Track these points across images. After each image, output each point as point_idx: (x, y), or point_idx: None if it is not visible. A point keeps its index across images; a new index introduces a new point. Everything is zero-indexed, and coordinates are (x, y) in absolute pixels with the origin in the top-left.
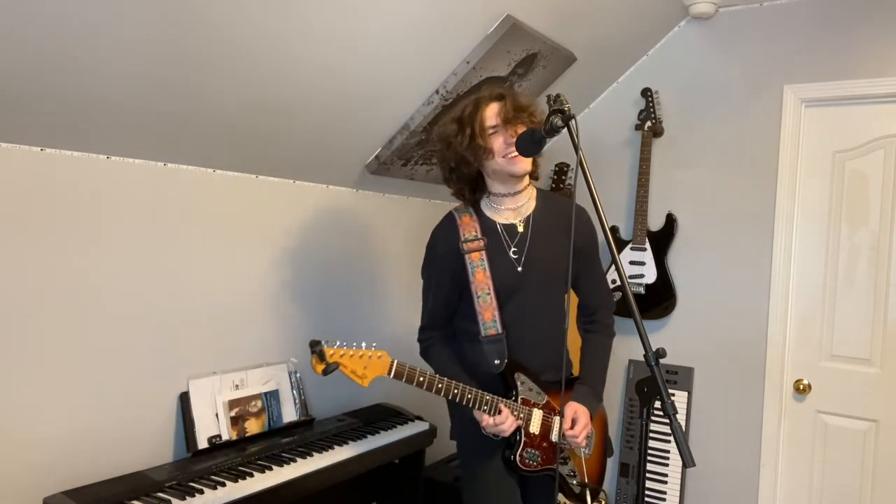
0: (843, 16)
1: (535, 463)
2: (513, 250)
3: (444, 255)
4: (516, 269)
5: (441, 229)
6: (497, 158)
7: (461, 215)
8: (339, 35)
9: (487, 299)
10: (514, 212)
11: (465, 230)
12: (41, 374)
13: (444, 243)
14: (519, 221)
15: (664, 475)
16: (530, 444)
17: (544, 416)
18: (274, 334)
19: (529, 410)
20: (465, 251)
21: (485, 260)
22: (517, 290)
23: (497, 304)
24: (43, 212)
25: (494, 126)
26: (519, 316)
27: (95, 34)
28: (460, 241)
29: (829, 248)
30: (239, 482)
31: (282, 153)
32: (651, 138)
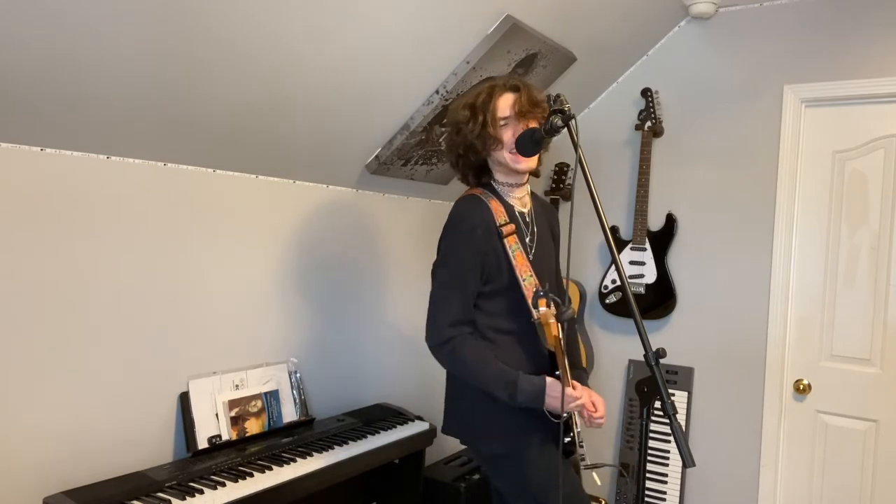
0: (843, 16)
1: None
2: (527, 238)
3: (483, 236)
4: (529, 256)
5: (474, 210)
6: (505, 151)
7: (489, 199)
8: (339, 35)
9: (532, 280)
10: (520, 202)
11: (499, 215)
12: (41, 374)
13: (483, 224)
14: (526, 211)
15: (664, 475)
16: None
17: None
18: (274, 334)
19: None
20: (503, 234)
21: (519, 243)
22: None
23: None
24: (43, 212)
25: (507, 117)
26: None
27: (96, 34)
28: (497, 226)
29: (829, 248)
30: (239, 482)
31: (282, 153)
32: (651, 138)
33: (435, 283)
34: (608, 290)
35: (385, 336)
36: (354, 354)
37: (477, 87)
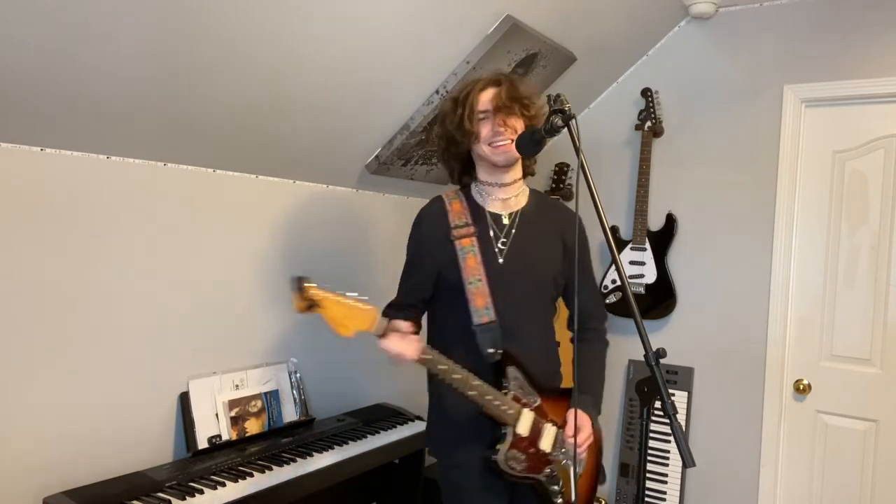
0: (843, 16)
1: (518, 468)
2: (501, 240)
3: (427, 235)
4: (497, 259)
5: (428, 209)
6: (482, 145)
7: (451, 201)
8: (339, 35)
9: (479, 285)
10: (503, 203)
11: (455, 216)
12: (41, 375)
13: (429, 223)
14: (506, 213)
15: (664, 475)
16: (516, 445)
17: (535, 420)
18: (274, 334)
19: (520, 409)
20: (454, 237)
21: (475, 246)
22: (498, 278)
23: (490, 291)
24: (43, 212)
25: (485, 111)
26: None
27: (96, 34)
28: (450, 228)
29: (829, 248)
30: (239, 482)
31: (282, 153)
32: (651, 138)
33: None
34: (608, 290)
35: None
36: (354, 354)
37: (466, 82)
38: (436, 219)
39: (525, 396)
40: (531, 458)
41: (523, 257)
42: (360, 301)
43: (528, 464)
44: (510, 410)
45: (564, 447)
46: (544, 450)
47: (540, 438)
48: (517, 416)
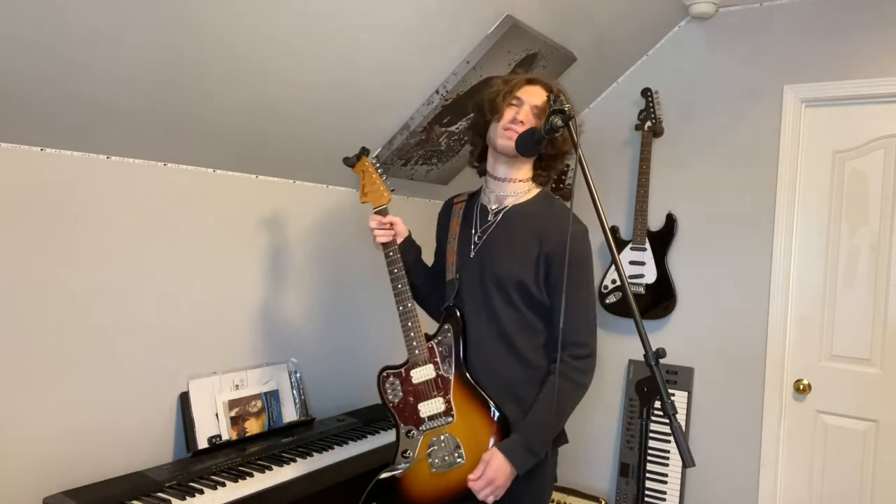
0: (843, 16)
1: (391, 397)
2: (477, 234)
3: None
4: (470, 251)
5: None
6: (496, 128)
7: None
8: (339, 35)
9: (453, 244)
10: (495, 197)
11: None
12: (41, 374)
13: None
14: (494, 208)
15: (664, 475)
16: (401, 379)
17: (432, 381)
18: (274, 334)
19: (427, 359)
20: (453, 202)
21: (462, 213)
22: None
23: (457, 252)
24: (43, 212)
25: (520, 99)
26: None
27: (96, 34)
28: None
29: (829, 248)
30: (239, 482)
31: (282, 153)
32: (651, 138)
33: None
34: (608, 290)
35: (385, 336)
36: (354, 354)
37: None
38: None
39: (440, 357)
40: (403, 403)
41: (488, 254)
42: (385, 185)
43: (398, 404)
44: (417, 350)
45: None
46: (419, 412)
47: (422, 400)
48: (420, 361)
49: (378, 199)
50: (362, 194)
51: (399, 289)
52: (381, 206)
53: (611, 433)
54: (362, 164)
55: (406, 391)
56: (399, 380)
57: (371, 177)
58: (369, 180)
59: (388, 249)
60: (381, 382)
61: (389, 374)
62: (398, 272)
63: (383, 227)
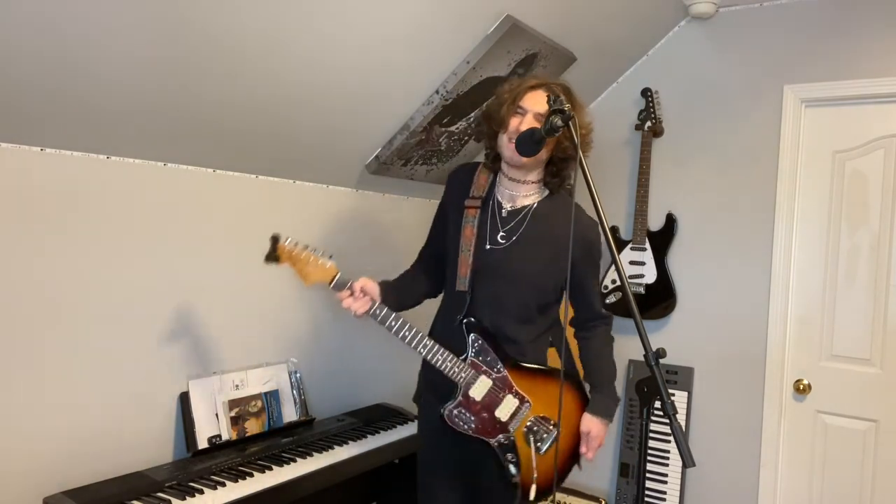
0: (842, 16)
1: (467, 427)
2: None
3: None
4: (485, 245)
5: (463, 168)
6: (505, 137)
7: (481, 172)
8: (339, 35)
9: (467, 255)
10: (509, 196)
11: (478, 187)
12: (41, 374)
13: (456, 182)
14: (508, 207)
15: (664, 475)
16: (466, 406)
17: (493, 387)
18: (274, 334)
19: (476, 374)
20: (467, 205)
21: (476, 219)
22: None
23: (472, 263)
24: (43, 212)
25: (523, 108)
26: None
27: (96, 34)
28: (468, 195)
29: (829, 248)
30: (239, 482)
31: (282, 153)
32: (651, 138)
33: None
34: (608, 290)
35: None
36: (354, 354)
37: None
38: (463, 179)
39: (486, 364)
40: (482, 422)
41: (515, 261)
42: (322, 259)
43: (476, 426)
44: (462, 373)
45: (530, 423)
46: (500, 418)
47: (497, 406)
48: (471, 380)
49: (323, 274)
50: (304, 278)
51: (408, 336)
52: (333, 278)
53: (611, 433)
54: (283, 252)
55: (476, 412)
56: (463, 407)
57: (300, 258)
58: (301, 262)
59: (372, 312)
60: (451, 420)
61: (452, 409)
62: (396, 323)
63: (356, 299)
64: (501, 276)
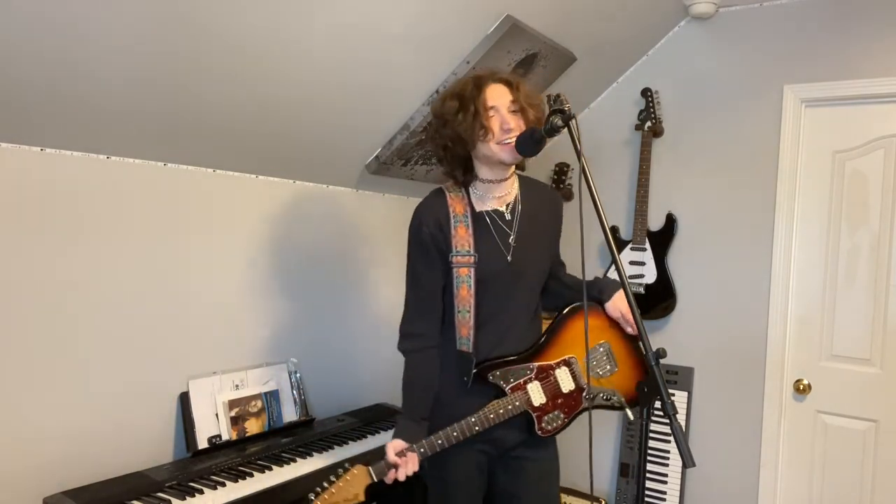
0: (843, 16)
1: (559, 422)
2: (500, 239)
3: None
4: (506, 257)
5: (428, 208)
6: (492, 143)
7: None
8: (339, 35)
9: (467, 316)
10: (500, 199)
11: (459, 241)
12: (41, 374)
13: (434, 222)
14: (505, 207)
15: (664, 475)
16: (545, 412)
17: (542, 383)
18: (274, 334)
19: (524, 392)
20: (454, 264)
21: (471, 276)
22: (503, 278)
23: (474, 325)
24: (43, 212)
25: (494, 107)
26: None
27: (95, 34)
28: (451, 252)
29: (829, 248)
30: (239, 482)
31: (282, 153)
32: (651, 138)
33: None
34: None
35: (385, 336)
36: (354, 354)
37: (460, 80)
38: (437, 232)
39: (521, 377)
40: (567, 405)
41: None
42: (345, 475)
43: (566, 410)
44: (517, 402)
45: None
46: (569, 390)
47: (559, 387)
48: (526, 397)
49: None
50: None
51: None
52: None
53: (611, 433)
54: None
55: (556, 405)
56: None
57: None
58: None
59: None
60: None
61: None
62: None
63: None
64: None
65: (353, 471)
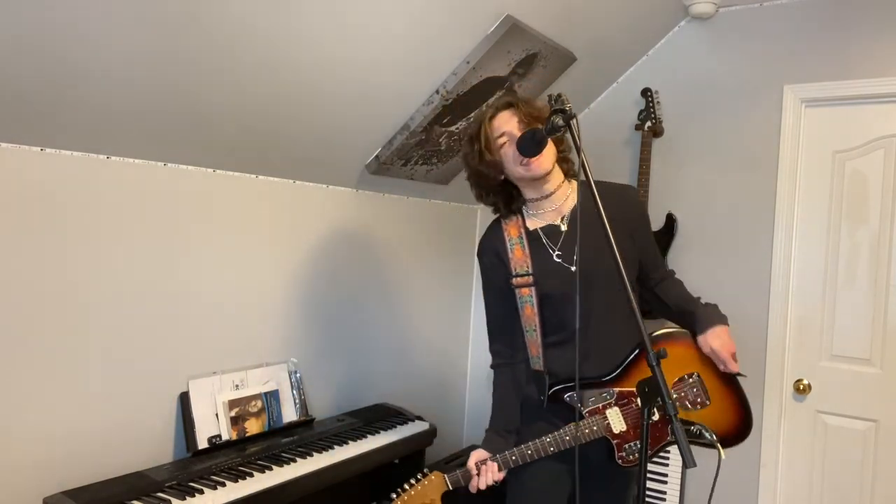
0: (842, 16)
1: (637, 454)
2: (557, 253)
3: (490, 272)
4: (568, 269)
5: (487, 239)
6: (515, 167)
7: (513, 246)
8: (338, 35)
9: (534, 335)
10: (555, 212)
11: (517, 263)
12: (41, 374)
13: (489, 261)
14: (561, 220)
15: (664, 475)
16: (624, 441)
17: (623, 409)
18: (274, 334)
19: (602, 416)
20: (514, 286)
21: (533, 296)
22: (567, 290)
23: (542, 343)
24: (43, 212)
25: (504, 133)
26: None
27: (96, 34)
28: (511, 275)
29: (829, 248)
30: (239, 482)
31: (282, 153)
32: (651, 138)
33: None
34: None
35: (385, 336)
36: (354, 354)
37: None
38: (496, 259)
39: (600, 401)
40: (651, 435)
41: (590, 253)
42: (423, 480)
43: (650, 441)
44: (594, 426)
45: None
46: (654, 419)
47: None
48: (604, 422)
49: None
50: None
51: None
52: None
53: None
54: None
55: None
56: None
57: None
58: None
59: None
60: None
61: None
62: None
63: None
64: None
65: (431, 476)
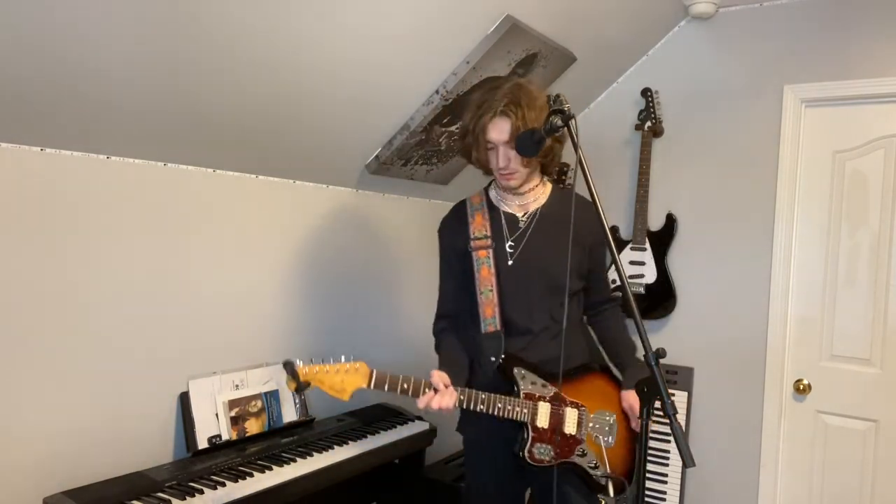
0: (843, 16)
1: (547, 458)
2: (509, 243)
3: (448, 244)
4: (507, 262)
5: (449, 217)
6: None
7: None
8: (339, 35)
9: (490, 296)
10: (520, 207)
11: (476, 227)
12: (41, 374)
13: (449, 232)
14: (523, 215)
15: (664, 475)
16: (540, 439)
17: (553, 408)
18: (274, 334)
19: (535, 405)
20: (472, 248)
21: (490, 257)
22: (509, 283)
23: (498, 301)
24: (43, 212)
25: (493, 142)
26: (517, 311)
27: (96, 34)
28: (469, 238)
29: (829, 248)
30: (239, 482)
31: (282, 153)
32: (651, 138)
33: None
34: None
35: (385, 335)
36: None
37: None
38: (453, 224)
39: (538, 391)
40: (558, 445)
41: (537, 256)
42: (348, 363)
43: (555, 451)
44: (524, 409)
45: (592, 423)
46: (570, 433)
47: (563, 424)
48: (533, 411)
49: (358, 377)
50: (341, 392)
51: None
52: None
53: None
54: (306, 374)
55: (550, 439)
56: (537, 441)
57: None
58: (329, 378)
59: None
60: (533, 458)
61: (529, 448)
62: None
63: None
64: (528, 285)
65: (356, 365)
